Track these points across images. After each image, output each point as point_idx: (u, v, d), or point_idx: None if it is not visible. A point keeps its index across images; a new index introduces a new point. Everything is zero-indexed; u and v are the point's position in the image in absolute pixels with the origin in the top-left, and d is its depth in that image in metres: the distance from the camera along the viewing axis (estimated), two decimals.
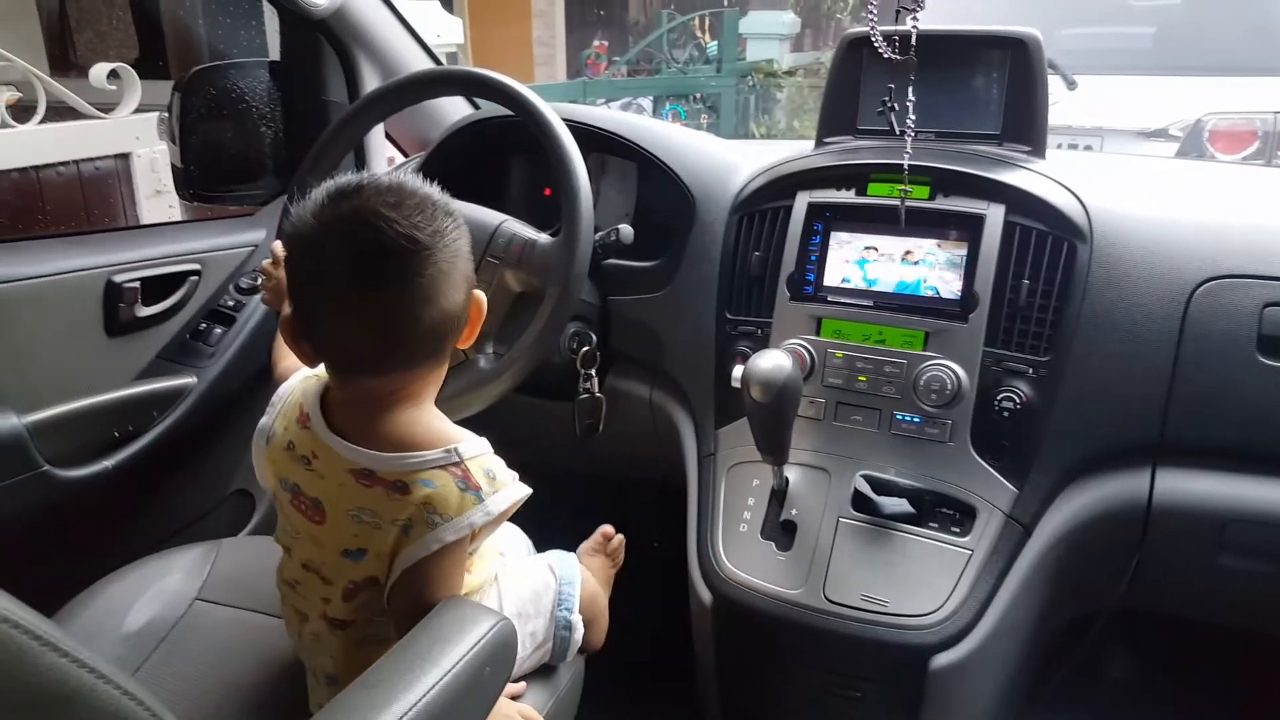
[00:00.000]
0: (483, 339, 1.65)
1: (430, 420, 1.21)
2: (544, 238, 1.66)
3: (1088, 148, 4.82)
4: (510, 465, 1.21)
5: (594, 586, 1.54)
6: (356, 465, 1.15)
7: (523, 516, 1.61)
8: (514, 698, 1.35)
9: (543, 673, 1.40)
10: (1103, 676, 1.89)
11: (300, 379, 1.28)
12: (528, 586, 1.43)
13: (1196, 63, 5.02)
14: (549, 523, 1.61)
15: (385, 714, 0.96)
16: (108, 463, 1.78)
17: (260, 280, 1.53)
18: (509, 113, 1.73)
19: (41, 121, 3.88)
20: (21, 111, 3.87)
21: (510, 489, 1.19)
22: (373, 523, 1.14)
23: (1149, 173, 2.10)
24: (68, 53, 7.69)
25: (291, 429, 1.23)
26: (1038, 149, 1.69)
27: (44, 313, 1.72)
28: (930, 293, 1.59)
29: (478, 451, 1.19)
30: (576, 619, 1.44)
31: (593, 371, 1.78)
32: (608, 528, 1.70)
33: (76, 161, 4.05)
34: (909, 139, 1.46)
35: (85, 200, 4.12)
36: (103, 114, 4.05)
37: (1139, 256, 1.53)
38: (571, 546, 1.59)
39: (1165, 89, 5.01)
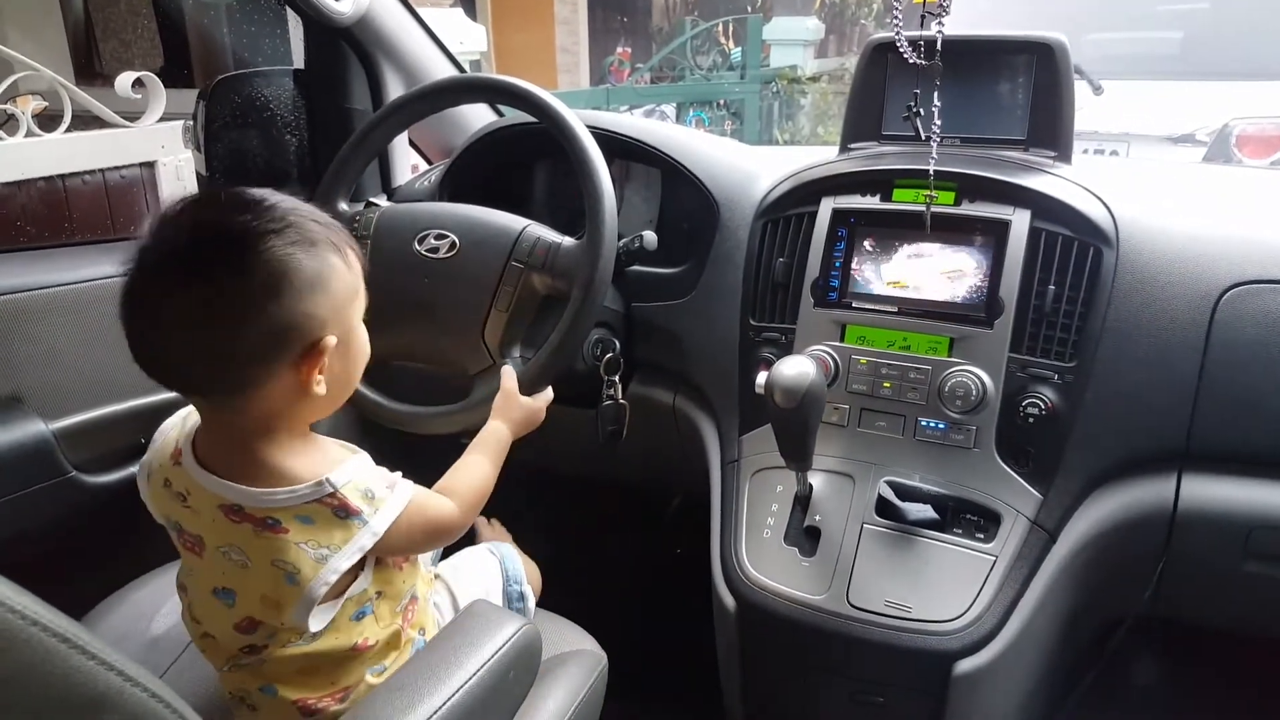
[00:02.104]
0: (509, 343, 1.66)
1: (298, 452, 1.15)
2: (568, 240, 1.66)
3: (1114, 153, 4.81)
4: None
5: (525, 559, 1.65)
6: (225, 500, 1.10)
7: (546, 523, 1.62)
8: None
9: (565, 679, 1.40)
10: (1127, 685, 1.88)
11: (181, 416, 1.24)
12: (476, 576, 1.50)
13: (1224, 67, 5.01)
14: (571, 529, 1.62)
15: (411, 716, 0.96)
16: (134, 468, 1.78)
17: None
18: (533, 119, 1.73)
19: (67, 130, 3.90)
20: (48, 120, 3.89)
21: (393, 499, 1.16)
22: (240, 561, 1.10)
23: (1175, 178, 2.09)
24: (93, 62, 7.74)
25: (166, 466, 1.19)
26: (1064, 154, 1.68)
27: (70, 320, 1.73)
28: (955, 298, 1.58)
29: (349, 477, 1.13)
30: (527, 589, 1.55)
31: (616, 378, 1.78)
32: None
33: (102, 170, 4.06)
34: (934, 144, 1.46)
35: (111, 208, 4.13)
36: (128, 122, 4.07)
37: (1165, 262, 1.52)
38: (595, 554, 1.60)
39: (1192, 94, 4.99)
